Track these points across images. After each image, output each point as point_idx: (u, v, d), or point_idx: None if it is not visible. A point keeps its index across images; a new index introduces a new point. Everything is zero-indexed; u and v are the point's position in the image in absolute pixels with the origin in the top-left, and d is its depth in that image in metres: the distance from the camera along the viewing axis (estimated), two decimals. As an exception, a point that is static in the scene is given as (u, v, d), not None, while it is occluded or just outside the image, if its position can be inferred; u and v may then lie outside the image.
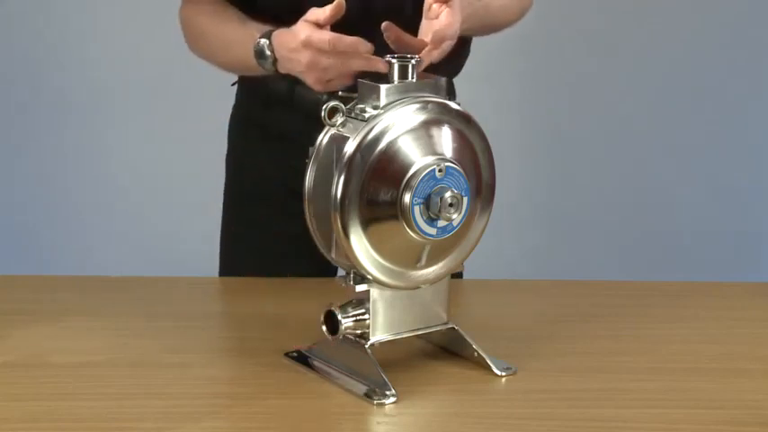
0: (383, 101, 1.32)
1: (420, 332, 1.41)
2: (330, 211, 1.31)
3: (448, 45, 1.42)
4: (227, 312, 1.68)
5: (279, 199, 1.74)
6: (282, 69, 1.51)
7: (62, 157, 3.22)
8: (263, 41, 1.51)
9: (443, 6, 1.41)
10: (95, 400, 1.32)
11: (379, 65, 1.38)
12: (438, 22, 1.40)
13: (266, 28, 1.54)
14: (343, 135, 1.32)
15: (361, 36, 1.41)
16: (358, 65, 1.42)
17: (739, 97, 3.23)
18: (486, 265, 1.87)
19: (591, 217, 3.26)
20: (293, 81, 1.53)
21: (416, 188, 1.30)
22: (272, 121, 1.75)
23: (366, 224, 1.31)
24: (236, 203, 1.84)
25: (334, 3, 1.41)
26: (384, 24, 1.37)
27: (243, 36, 1.57)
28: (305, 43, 1.42)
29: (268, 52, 1.51)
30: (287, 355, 1.43)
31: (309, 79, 1.46)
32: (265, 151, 1.77)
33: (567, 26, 3.10)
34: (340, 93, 1.37)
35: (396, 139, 1.31)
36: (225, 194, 1.86)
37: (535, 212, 3.27)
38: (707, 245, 3.26)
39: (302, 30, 1.43)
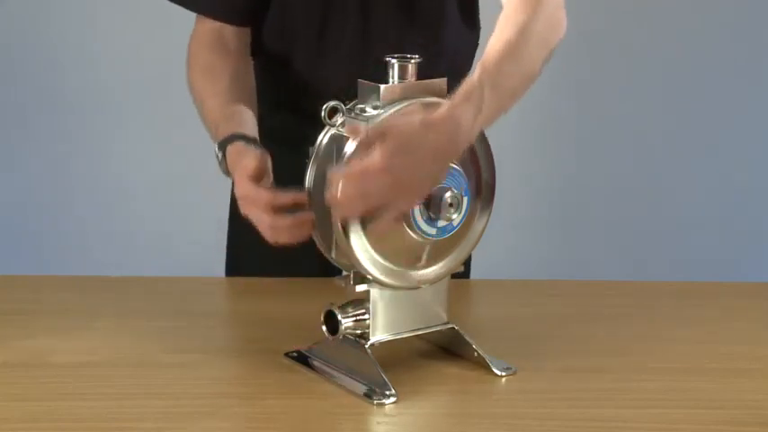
0: (383, 101, 1.32)
1: (420, 332, 1.41)
2: (330, 211, 1.31)
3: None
4: (227, 312, 1.68)
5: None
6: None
7: (63, 156, 3.22)
8: (219, 154, 1.50)
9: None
10: (95, 400, 1.32)
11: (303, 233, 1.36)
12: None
13: (234, 129, 1.51)
14: (343, 135, 1.32)
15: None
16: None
17: (739, 97, 3.23)
18: (487, 266, 1.87)
19: (591, 217, 3.27)
20: None
21: (416, 188, 1.30)
22: (276, 123, 1.75)
23: (366, 224, 1.31)
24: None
25: (258, 156, 1.40)
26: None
27: (215, 120, 1.56)
28: (243, 200, 1.40)
29: (222, 166, 1.50)
30: (287, 355, 1.43)
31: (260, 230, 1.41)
32: (270, 151, 1.77)
33: (571, 26, 3.10)
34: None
35: (396, 139, 1.30)
36: (231, 195, 1.86)
37: (535, 212, 3.27)
38: (707, 245, 3.27)
39: (239, 187, 1.41)
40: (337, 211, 1.28)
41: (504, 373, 1.40)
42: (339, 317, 1.35)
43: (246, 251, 1.83)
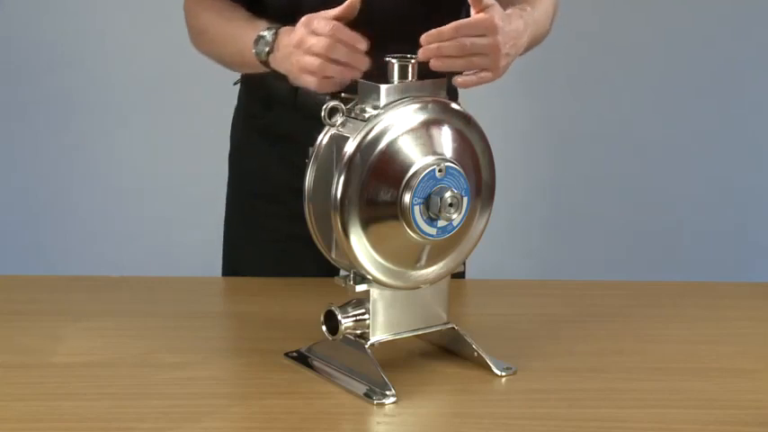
0: (383, 101, 1.32)
1: (420, 332, 1.41)
2: (330, 211, 1.31)
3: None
4: (227, 312, 1.68)
5: (282, 199, 1.74)
6: (276, 64, 1.50)
7: (62, 156, 3.22)
8: (268, 32, 1.50)
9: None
10: (95, 399, 1.32)
11: (353, 73, 1.38)
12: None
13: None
14: (343, 135, 1.32)
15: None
16: (341, 54, 1.39)
17: (739, 97, 3.23)
18: (487, 265, 1.88)
19: (591, 217, 3.26)
20: None
21: (416, 188, 1.30)
22: (275, 122, 1.75)
23: (366, 224, 1.31)
24: (238, 203, 1.84)
25: (348, 2, 1.40)
26: None
27: (248, 30, 1.56)
28: (303, 23, 1.41)
29: (267, 44, 1.50)
30: (287, 355, 1.43)
31: (306, 78, 1.42)
32: (268, 151, 1.77)
33: (568, 26, 3.10)
34: (343, 94, 1.37)
35: (396, 139, 1.31)
36: (228, 194, 1.86)
37: (535, 212, 3.27)
38: (707, 245, 3.26)
39: (310, 16, 1.42)
40: (440, 61, 1.37)
41: (504, 373, 1.40)
42: (339, 317, 1.35)
43: (244, 251, 1.83)
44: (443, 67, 1.37)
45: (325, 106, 1.32)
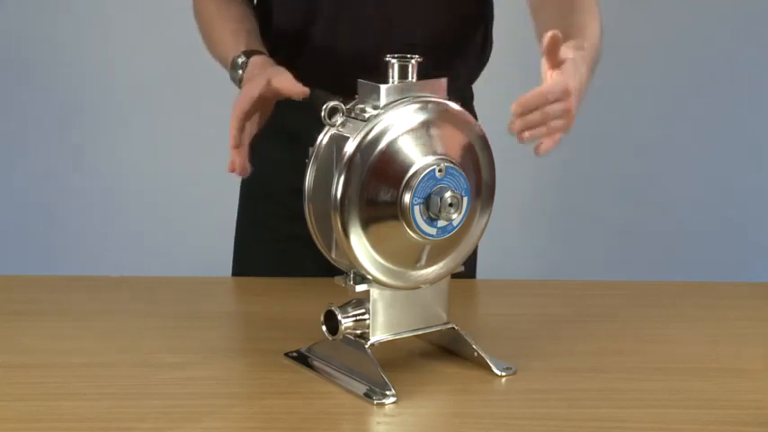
0: (383, 101, 1.32)
1: (420, 332, 1.41)
2: (330, 211, 1.31)
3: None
4: (227, 312, 1.68)
5: (282, 199, 1.74)
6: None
7: (64, 156, 3.22)
8: (241, 59, 1.61)
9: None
10: (95, 399, 1.32)
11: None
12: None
13: (254, 46, 1.63)
14: (343, 135, 1.32)
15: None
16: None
17: (739, 97, 3.23)
18: (488, 265, 1.88)
19: (591, 217, 3.27)
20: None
21: (416, 188, 1.30)
22: (285, 122, 1.75)
23: (366, 224, 1.31)
24: (248, 203, 1.85)
25: (301, 89, 1.50)
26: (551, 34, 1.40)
27: (230, 46, 1.65)
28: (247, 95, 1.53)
29: (239, 68, 1.60)
30: (287, 355, 1.43)
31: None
32: (278, 152, 1.77)
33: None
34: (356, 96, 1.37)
35: (396, 139, 1.31)
36: (240, 194, 1.87)
37: (535, 212, 3.28)
38: (707, 245, 3.27)
39: (255, 87, 1.52)
40: (528, 134, 1.40)
41: (504, 373, 1.40)
42: (339, 317, 1.35)
43: (250, 252, 1.83)
44: (530, 139, 1.41)
45: (325, 106, 1.32)
